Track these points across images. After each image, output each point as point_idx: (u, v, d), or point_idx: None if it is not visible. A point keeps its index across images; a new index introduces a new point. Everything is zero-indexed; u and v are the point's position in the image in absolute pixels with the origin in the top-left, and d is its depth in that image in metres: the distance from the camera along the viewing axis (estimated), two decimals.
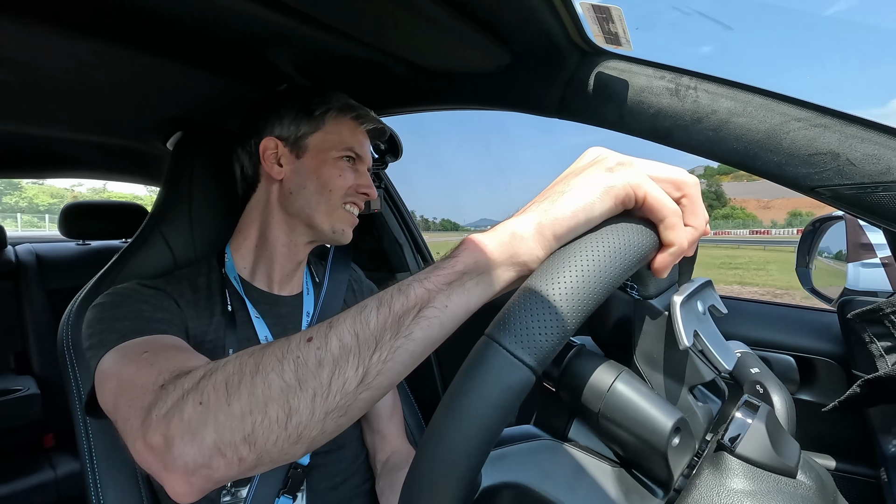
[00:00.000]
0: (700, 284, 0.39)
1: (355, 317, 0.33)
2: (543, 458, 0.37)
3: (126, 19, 0.63)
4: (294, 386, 0.33)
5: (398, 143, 1.05)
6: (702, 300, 0.38)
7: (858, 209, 0.50)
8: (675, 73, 0.58)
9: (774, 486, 0.35)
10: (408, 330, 0.32)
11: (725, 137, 0.55)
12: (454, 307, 0.33)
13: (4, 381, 1.60)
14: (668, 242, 0.33)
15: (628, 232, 0.31)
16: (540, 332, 0.27)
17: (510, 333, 0.28)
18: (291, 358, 0.34)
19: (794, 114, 0.52)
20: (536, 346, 0.27)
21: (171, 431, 0.36)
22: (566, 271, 0.29)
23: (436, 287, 0.33)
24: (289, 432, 0.33)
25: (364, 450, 0.84)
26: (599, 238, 0.31)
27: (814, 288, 0.90)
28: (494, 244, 0.33)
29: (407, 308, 0.32)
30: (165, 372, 0.44)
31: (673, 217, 0.32)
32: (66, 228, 1.81)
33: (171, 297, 0.68)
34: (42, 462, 1.57)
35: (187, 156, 0.87)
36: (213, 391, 0.36)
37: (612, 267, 0.29)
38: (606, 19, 0.57)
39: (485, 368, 0.27)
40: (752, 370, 0.59)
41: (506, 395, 0.27)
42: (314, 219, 0.75)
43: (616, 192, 0.32)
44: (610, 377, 0.36)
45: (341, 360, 0.33)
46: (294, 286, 0.82)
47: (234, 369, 0.36)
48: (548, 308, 0.28)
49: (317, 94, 0.77)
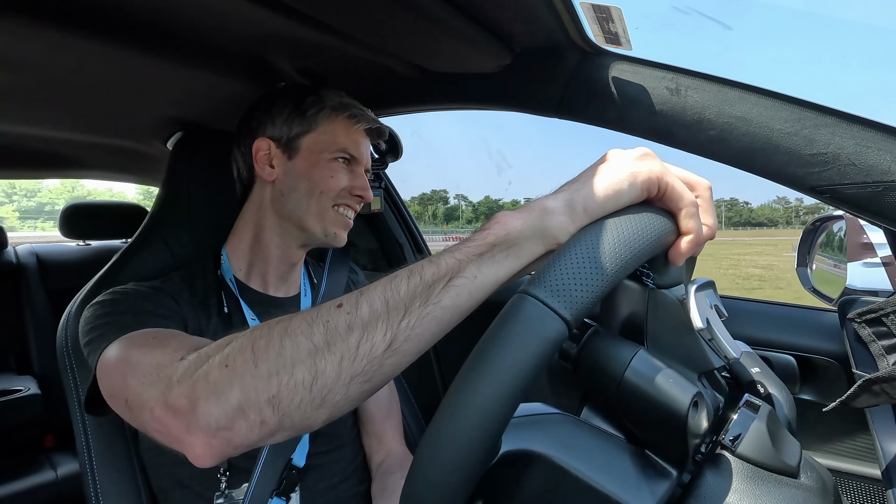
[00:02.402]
0: (705, 282, 0.40)
1: (386, 285, 0.34)
2: (560, 430, 0.37)
3: (126, 19, 0.63)
4: (322, 348, 0.34)
5: (398, 143, 1.05)
6: (708, 297, 0.40)
7: (859, 209, 0.50)
8: (675, 73, 0.58)
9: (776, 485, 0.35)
10: (437, 297, 0.33)
11: (725, 137, 0.55)
12: (483, 277, 0.34)
13: (5, 382, 1.60)
14: (687, 230, 0.35)
15: (652, 214, 0.34)
16: (575, 287, 0.28)
17: (545, 287, 0.29)
18: (321, 322, 0.35)
19: (795, 114, 0.52)
20: (571, 300, 0.28)
21: (195, 393, 0.37)
22: (599, 237, 0.31)
23: (466, 258, 0.34)
24: (313, 395, 0.34)
25: (362, 451, 0.84)
26: (627, 215, 0.33)
27: (814, 287, 0.90)
28: (525, 218, 0.34)
29: (438, 277, 0.33)
30: (182, 349, 0.44)
31: (691, 206, 0.35)
32: (67, 229, 1.81)
33: (171, 296, 0.68)
34: (42, 462, 1.57)
35: (187, 156, 0.87)
36: (240, 354, 0.36)
37: (640, 240, 0.31)
38: (606, 19, 0.57)
39: (519, 319, 0.28)
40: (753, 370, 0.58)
41: (540, 346, 0.27)
42: (305, 221, 0.74)
43: (641, 178, 0.34)
44: (629, 352, 0.37)
45: (370, 325, 0.33)
46: (291, 288, 0.81)
47: (261, 334, 0.37)
48: (582, 267, 0.29)
49: (311, 93, 0.75)
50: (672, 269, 0.39)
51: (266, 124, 0.75)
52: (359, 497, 0.80)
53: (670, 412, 0.34)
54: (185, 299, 0.69)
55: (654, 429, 0.36)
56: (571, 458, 0.35)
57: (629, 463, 0.36)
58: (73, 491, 1.52)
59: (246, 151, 0.76)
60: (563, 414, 0.39)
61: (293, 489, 0.71)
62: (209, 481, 0.67)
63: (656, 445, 0.37)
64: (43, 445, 1.68)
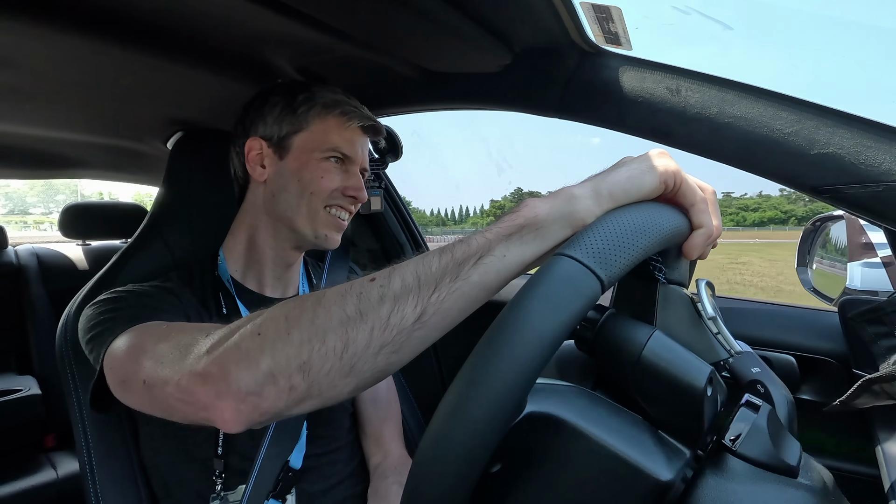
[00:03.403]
0: (706, 282, 0.43)
1: (418, 262, 0.36)
2: (578, 400, 0.38)
3: (126, 19, 0.63)
4: (355, 318, 0.35)
5: (398, 143, 1.05)
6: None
7: (859, 209, 0.50)
8: (675, 73, 0.58)
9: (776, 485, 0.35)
10: (467, 274, 0.35)
11: (726, 137, 0.55)
12: (511, 257, 0.35)
13: (5, 382, 1.60)
14: (699, 224, 0.38)
15: (670, 207, 0.38)
16: (610, 251, 0.31)
17: (582, 249, 0.31)
18: (354, 293, 0.36)
19: (795, 114, 0.52)
20: (606, 261, 0.30)
21: (226, 360, 0.38)
22: (629, 216, 0.34)
23: (496, 237, 0.35)
24: (343, 362, 0.35)
25: (360, 453, 0.84)
26: (650, 203, 0.37)
27: (814, 287, 0.90)
28: (552, 203, 0.36)
29: (468, 255, 0.35)
30: (203, 331, 0.45)
31: (702, 203, 0.38)
32: (67, 229, 1.81)
33: (173, 293, 0.68)
34: (43, 462, 1.57)
35: (186, 156, 0.87)
36: (273, 323, 0.38)
37: (663, 224, 0.34)
38: (606, 19, 0.57)
39: (556, 275, 0.29)
40: (753, 370, 0.58)
41: (575, 300, 0.28)
42: (295, 223, 0.72)
43: (660, 171, 0.37)
44: (646, 333, 0.38)
45: (401, 298, 0.35)
46: (289, 288, 0.81)
47: (294, 305, 0.38)
48: (616, 236, 0.31)
49: (303, 90, 0.73)
50: (681, 264, 0.42)
51: (258, 123, 0.74)
52: (356, 499, 0.79)
53: (688, 389, 0.35)
54: (186, 297, 0.70)
55: (670, 407, 0.37)
56: (592, 425, 0.35)
57: (647, 435, 0.36)
58: (73, 491, 1.51)
59: (240, 151, 0.75)
60: (580, 388, 0.39)
61: (289, 491, 0.71)
62: (208, 481, 0.67)
63: (670, 426, 0.37)
64: (43, 445, 1.68)
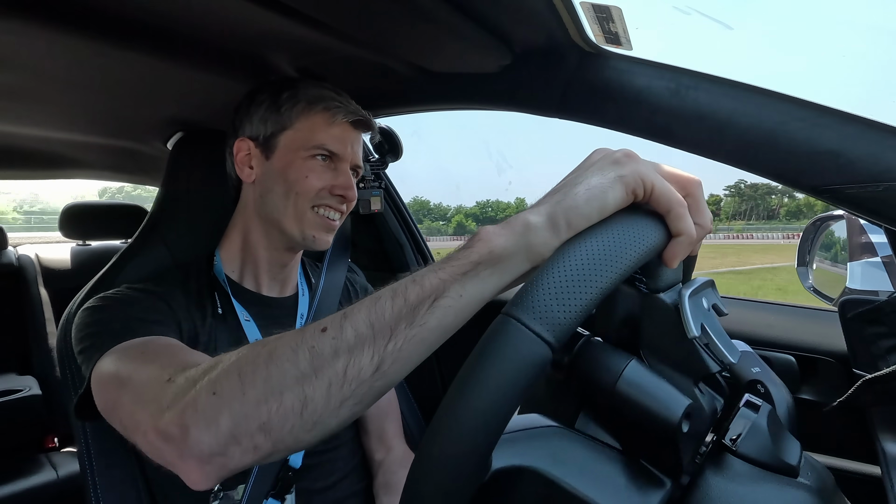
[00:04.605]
0: (703, 283, 0.39)
1: (370, 307, 0.34)
2: (553, 443, 0.37)
3: (126, 19, 0.63)
4: (309, 374, 0.33)
5: (398, 143, 1.05)
6: (706, 297, 0.39)
7: (859, 209, 0.50)
8: (675, 73, 0.58)
9: (776, 485, 0.35)
10: (423, 319, 0.32)
11: (726, 137, 0.55)
12: (469, 297, 0.33)
13: (6, 382, 1.60)
14: (678, 232, 0.33)
15: (640, 221, 0.32)
16: (558, 308, 0.28)
17: (528, 310, 0.28)
18: (306, 347, 0.34)
19: (794, 114, 0.52)
20: (555, 322, 0.28)
21: (186, 420, 0.36)
22: (582, 254, 0.30)
23: (451, 277, 0.33)
24: (304, 420, 0.34)
25: (360, 450, 0.84)
26: (612, 226, 0.32)
27: (814, 287, 0.90)
28: (508, 235, 0.33)
29: (422, 298, 0.33)
30: (170, 367, 0.44)
31: (678, 208, 0.33)
32: (67, 229, 1.81)
33: (162, 298, 0.66)
34: (43, 462, 1.57)
35: (186, 156, 0.87)
36: (227, 380, 0.36)
37: (626, 253, 0.30)
38: (606, 19, 0.57)
39: (503, 344, 0.28)
40: (753, 370, 0.58)
41: (524, 371, 0.27)
42: (283, 224, 0.71)
43: (627, 181, 0.32)
44: (622, 362, 0.36)
45: (356, 349, 0.33)
46: (286, 288, 0.81)
47: (247, 359, 0.36)
48: (565, 287, 0.28)
49: (288, 87, 0.71)
50: (666, 271, 0.38)
51: (245, 123, 0.73)
52: (357, 496, 0.79)
53: (662, 423, 0.34)
54: (179, 301, 0.68)
55: (646, 438, 0.36)
56: (563, 472, 0.35)
57: (622, 475, 0.36)
58: (73, 491, 1.51)
59: (230, 152, 0.75)
60: (556, 427, 0.38)
61: (289, 490, 0.71)
62: None
63: (650, 454, 0.37)
64: (44, 445, 1.68)
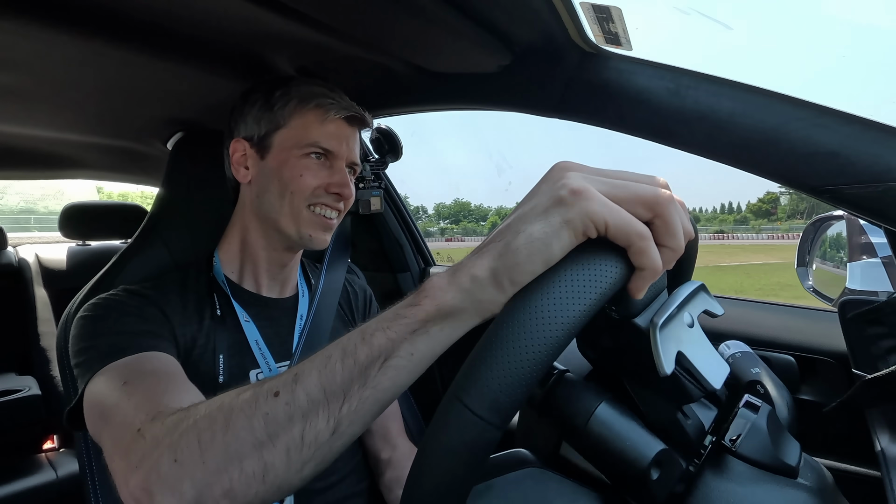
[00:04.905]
0: (689, 293, 0.36)
1: (321, 369, 0.34)
2: (530, 489, 0.36)
3: (126, 19, 0.63)
4: (266, 442, 0.34)
5: (398, 143, 1.05)
6: (691, 310, 0.36)
7: (859, 209, 0.50)
8: (675, 73, 0.58)
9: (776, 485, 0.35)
10: (375, 381, 0.32)
11: (725, 137, 0.55)
12: (421, 354, 0.33)
13: (5, 382, 1.60)
14: (639, 266, 0.30)
15: (592, 265, 0.29)
16: (501, 391, 0.27)
17: (471, 393, 0.28)
18: (260, 415, 0.34)
19: (794, 114, 0.52)
20: (500, 406, 0.27)
21: (150, 486, 0.37)
22: (527, 317, 0.28)
23: (399, 336, 0.32)
24: (267, 485, 0.34)
25: (360, 449, 0.84)
26: (562, 274, 0.29)
27: (814, 287, 0.90)
28: (455, 292, 0.32)
29: (372, 358, 0.32)
30: (143, 411, 0.45)
31: (639, 242, 0.29)
32: (66, 229, 1.81)
33: (157, 304, 0.66)
34: (43, 462, 1.56)
35: (187, 156, 0.87)
36: (188, 447, 0.36)
37: (579, 302, 0.28)
38: (606, 19, 0.57)
39: (451, 430, 0.28)
40: (753, 370, 0.59)
41: (470, 454, 0.28)
42: (279, 224, 0.71)
43: (574, 225, 0.29)
44: (593, 403, 0.36)
45: (311, 414, 0.33)
46: (287, 288, 0.81)
47: (206, 423, 0.36)
48: (509, 365, 0.27)
49: (280, 86, 0.71)
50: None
51: (240, 124, 0.73)
52: (357, 496, 0.79)
53: (631, 468, 0.34)
54: (174, 305, 0.68)
55: (620, 478, 0.36)
56: None
57: None
58: (72, 491, 1.51)
59: (227, 153, 0.75)
60: (533, 467, 0.38)
61: None
62: None
63: (629, 490, 0.36)
64: (43, 446, 1.68)
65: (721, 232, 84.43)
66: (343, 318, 0.86)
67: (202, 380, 0.66)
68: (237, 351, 0.70)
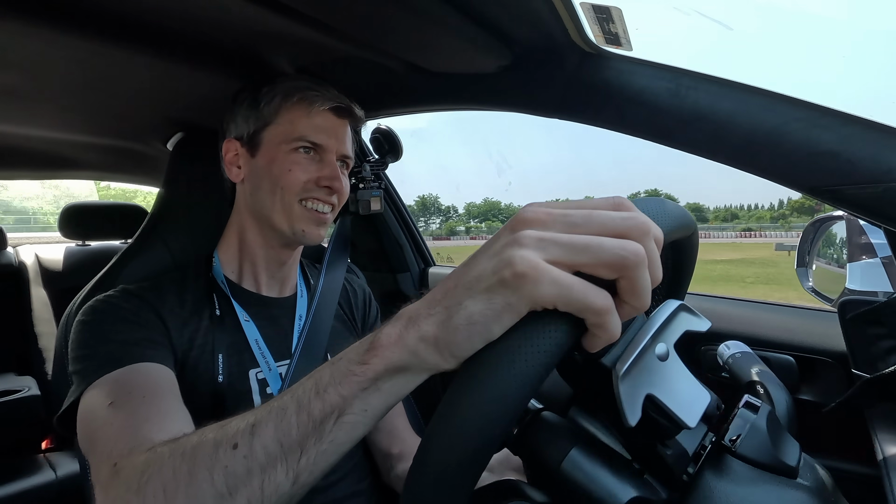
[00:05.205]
0: (664, 320, 0.33)
1: (277, 423, 0.34)
2: None
3: (126, 20, 0.63)
4: (226, 495, 0.34)
5: (398, 143, 1.05)
6: (667, 337, 0.33)
7: (859, 209, 0.50)
8: (675, 73, 0.58)
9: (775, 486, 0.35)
10: (331, 435, 0.33)
11: (725, 137, 0.55)
12: (374, 409, 0.33)
13: (5, 382, 1.60)
14: (595, 334, 0.28)
15: (539, 336, 0.27)
16: (449, 468, 0.27)
17: (412, 499, 0.28)
18: (220, 468, 0.35)
19: (794, 114, 0.52)
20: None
21: None
22: (465, 409, 0.27)
23: (351, 394, 0.32)
24: None
25: (360, 449, 0.83)
26: (505, 348, 0.28)
27: (814, 287, 0.90)
28: (402, 351, 0.31)
29: (326, 414, 0.33)
30: (122, 441, 0.47)
31: (594, 317, 0.27)
32: (66, 229, 1.81)
33: (153, 308, 0.66)
34: (42, 462, 1.56)
35: (186, 157, 0.87)
36: (154, 497, 0.37)
37: (520, 385, 0.27)
38: (606, 19, 0.57)
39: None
40: (753, 370, 0.59)
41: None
42: (273, 220, 0.71)
43: (517, 309, 0.28)
44: (566, 447, 0.35)
45: (269, 467, 0.34)
46: (286, 288, 0.81)
47: (169, 476, 0.37)
48: (447, 469, 0.27)
49: (266, 84, 0.72)
50: None
51: (231, 124, 0.74)
52: (357, 496, 0.79)
53: None
54: (171, 307, 0.68)
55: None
56: None
57: None
58: (72, 491, 1.51)
59: (221, 154, 0.76)
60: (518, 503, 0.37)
61: None
62: None
63: None
64: (43, 446, 1.68)
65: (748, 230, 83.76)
66: (342, 318, 0.86)
67: (201, 380, 0.66)
68: (237, 350, 0.70)
